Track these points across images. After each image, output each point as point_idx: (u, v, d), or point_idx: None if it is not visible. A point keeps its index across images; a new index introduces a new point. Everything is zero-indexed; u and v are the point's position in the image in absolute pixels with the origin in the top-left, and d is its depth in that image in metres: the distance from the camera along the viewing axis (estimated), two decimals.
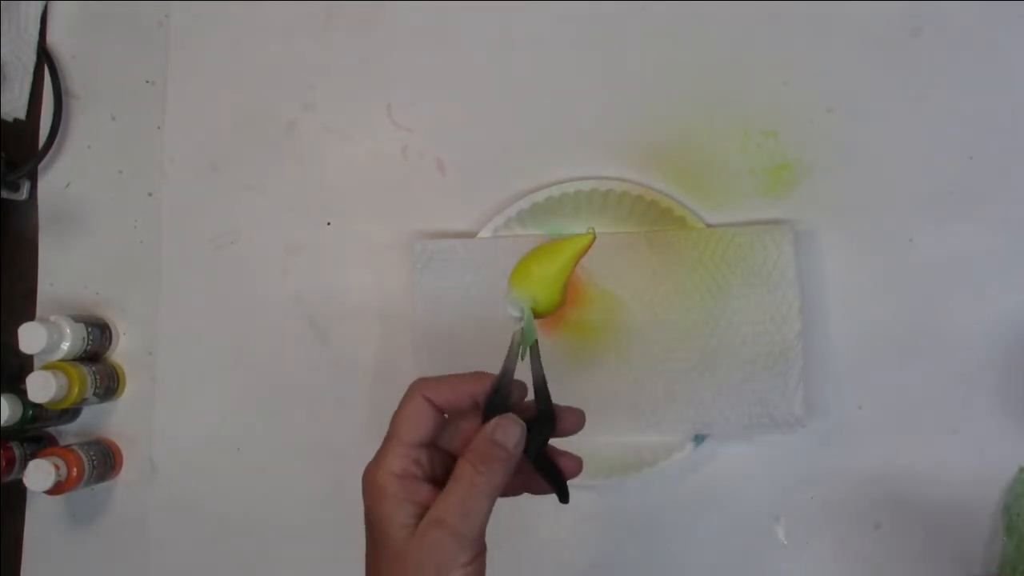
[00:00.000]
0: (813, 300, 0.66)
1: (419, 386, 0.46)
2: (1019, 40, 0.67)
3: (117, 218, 0.72)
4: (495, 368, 0.47)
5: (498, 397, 0.46)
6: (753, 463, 0.67)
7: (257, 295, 0.71)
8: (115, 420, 0.71)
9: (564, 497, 0.47)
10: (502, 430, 0.44)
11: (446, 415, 0.46)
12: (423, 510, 0.42)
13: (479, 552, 0.42)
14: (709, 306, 0.65)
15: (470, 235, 0.68)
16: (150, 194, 0.72)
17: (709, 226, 0.67)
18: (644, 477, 0.65)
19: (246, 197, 0.72)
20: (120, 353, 0.72)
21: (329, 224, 0.71)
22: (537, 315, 0.49)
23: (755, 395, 0.64)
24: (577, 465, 0.48)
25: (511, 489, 0.47)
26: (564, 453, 0.48)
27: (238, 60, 0.72)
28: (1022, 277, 0.66)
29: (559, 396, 0.48)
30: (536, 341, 0.48)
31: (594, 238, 0.50)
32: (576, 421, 0.48)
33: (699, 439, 0.65)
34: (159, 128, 0.73)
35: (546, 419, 0.47)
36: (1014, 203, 0.66)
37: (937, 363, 0.66)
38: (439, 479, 0.45)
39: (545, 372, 0.47)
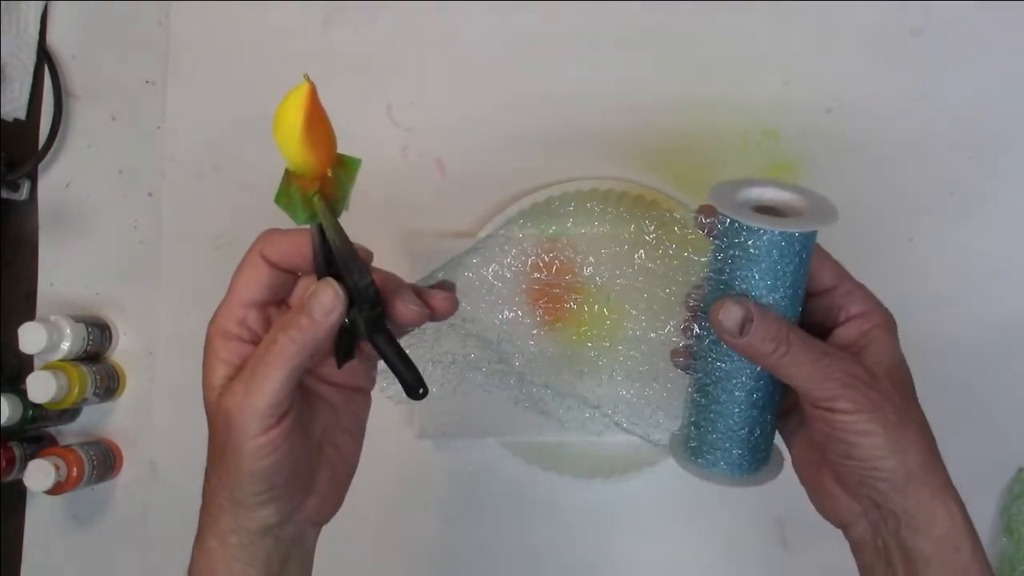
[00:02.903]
0: None
1: (258, 240, 0.42)
2: (1019, 40, 0.67)
3: (117, 218, 0.72)
4: None
5: (319, 260, 0.40)
6: None
7: None
8: (115, 420, 0.71)
9: (412, 390, 0.40)
10: (312, 294, 0.39)
11: (299, 273, 0.42)
12: (237, 372, 0.40)
13: (276, 422, 0.39)
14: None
15: (470, 235, 0.68)
16: (150, 194, 0.72)
17: None
18: (644, 477, 0.65)
19: (246, 197, 0.72)
20: (120, 353, 0.72)
21: None
22: (300, 178, 0.41)
23: None
24: (446, 305, 0.42)
25: (355, 376, 0.44)
26: (433, 293, 0.43)
27: (238, 60, 0.72)
28: (1022, 277, 0.66)
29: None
30: (318, 211, 0.40)
31: (309, 85, 0.43)
32: (445, 306, 0.43)
33: None
34: (159, 128, 0.72)
35: (364, 296, 0.40)
36: (1014, 203, 0.66)
37: (936, 363, 0.66)
38: None
39: (351, 244, 0.40)
